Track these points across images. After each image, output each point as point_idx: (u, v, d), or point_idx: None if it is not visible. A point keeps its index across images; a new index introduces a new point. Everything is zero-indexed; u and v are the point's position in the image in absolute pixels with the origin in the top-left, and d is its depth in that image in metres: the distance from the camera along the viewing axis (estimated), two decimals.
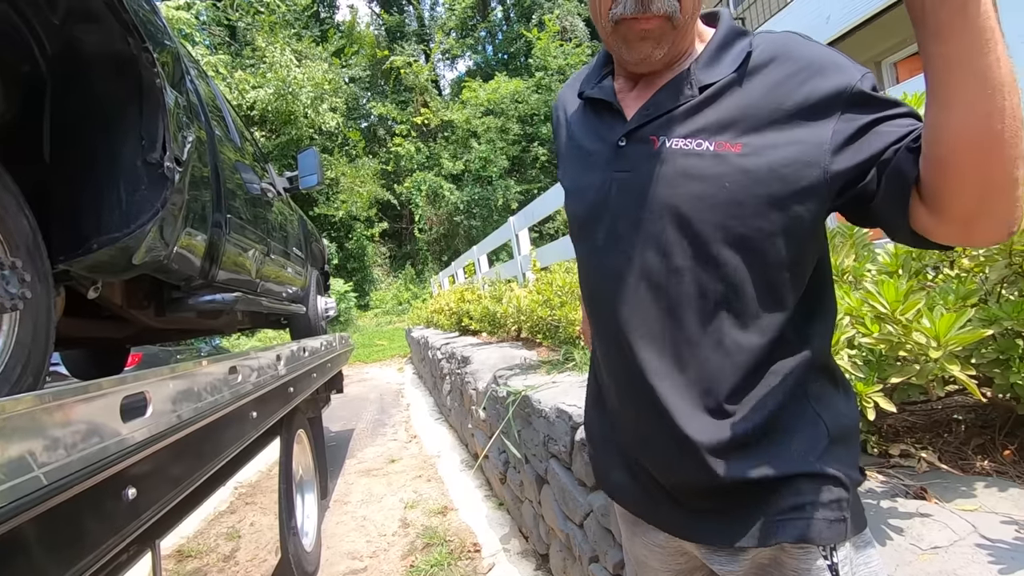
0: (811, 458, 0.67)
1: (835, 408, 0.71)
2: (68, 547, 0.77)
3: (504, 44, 27.37)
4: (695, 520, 0.74)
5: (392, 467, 4.56)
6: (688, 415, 0.70)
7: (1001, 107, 0.52)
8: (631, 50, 0.72)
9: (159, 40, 1.52)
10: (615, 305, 0.75)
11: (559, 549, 2.24)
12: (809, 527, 0.66)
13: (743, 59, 0.70)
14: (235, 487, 1.80)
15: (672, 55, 0.73)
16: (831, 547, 0.67)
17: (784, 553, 0.68)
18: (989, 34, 0.50)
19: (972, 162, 0.55)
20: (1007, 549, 0.83)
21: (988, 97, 0.52)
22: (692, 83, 0.71)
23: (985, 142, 0.53)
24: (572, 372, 2.67)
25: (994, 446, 1.15)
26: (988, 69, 0.51)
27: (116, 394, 0.89)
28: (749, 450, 0.68)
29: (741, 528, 0.69)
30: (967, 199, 0.57)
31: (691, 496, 0.73)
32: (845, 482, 0.67)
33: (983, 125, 0.53)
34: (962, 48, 0.51)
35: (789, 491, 0.67)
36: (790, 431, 0.68)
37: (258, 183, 2.70)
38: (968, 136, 0.54)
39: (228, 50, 20.90)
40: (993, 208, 0.57)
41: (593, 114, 0.81)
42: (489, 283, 6.32)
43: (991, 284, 1.10)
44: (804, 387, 0.69)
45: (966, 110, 0.53)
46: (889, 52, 5.89)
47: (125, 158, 1.34)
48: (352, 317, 19.95)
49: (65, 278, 1.41)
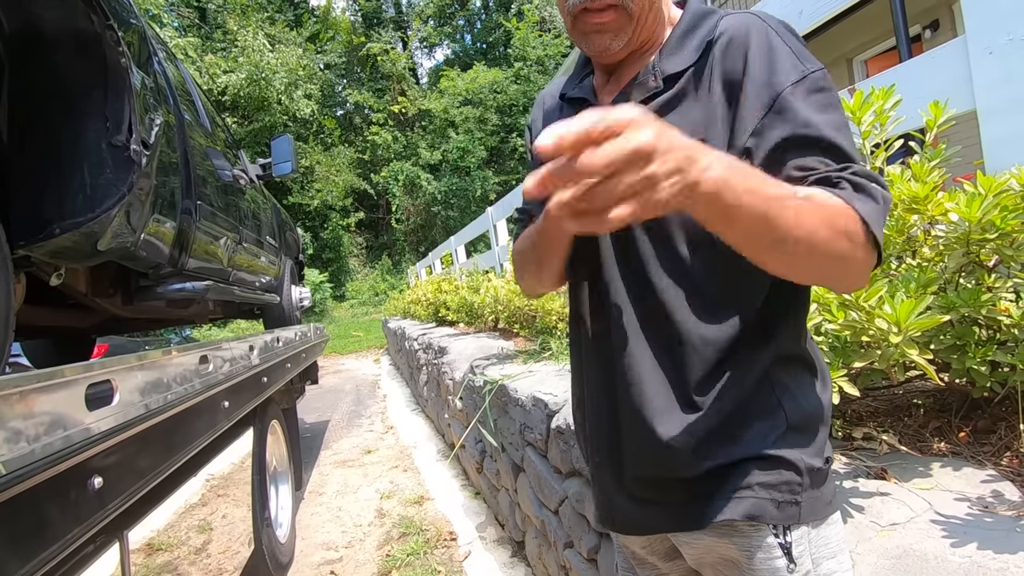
0: (766, 443, 0.68)
1: (802, 397, 0.71)
2: (31, 537, 0.75)
3: (483, 33, 27.16)
4: (651, 512, 0.75)
5: (368, 458, 4.54)
6: (660, 412, 0.70)
7: (793, 255, 0.56)
8: (589, 43, 0.72)
9: (124, 19, 1.47)
10: (587, 305, 0.77)
11: (535, 536, 2.27)
12: (755, 505, 0.67)
13: (705, 46, 0.69)
14: (206, 479, 1.77)
15: (635, 44, 0.72)
16: (784, 526, 0.68)
17: (735, 531, 0.70)
18: (761, 220, 0.52)
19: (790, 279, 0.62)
20: (959, 524, 0.87)
21: (786, 256, 0.56)
22: (656, 74, 0.71)
23: (792, 275, 0.61)
24: (548, 361, 2.69)
25: (951, 428, 1.20)
26: (775, 244, 0.54)
27: (81, 382, 0.87)
28: (711, 440, 0.69)
29: (695, 513, 0.70)
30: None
31: (648, 489, 0.74)
32: (799, 467, 0.68)
33: (786, 271, 0.60)
34: (744, 239, 0.55)
35: (739, 474, 0.68)
36: (749, 420, 0.69)
37: (230, 170, 2.64)
38: (776, 271, 0.60)
39: (198, 33, 20.32)
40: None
41: (572, 115, 0.81)
42: (467, 274, 6.31)
43: (949, 272, 1.14)
44: (770, 377, 0.70)
45: (769, 265, 0.59)
46: (861, 49, 6.01)
47: (89, 140, 1.30)
48: (328, 308, 19.73)
49: (26, 264, 1.36)
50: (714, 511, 0.68)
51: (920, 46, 5.44)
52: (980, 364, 1.05)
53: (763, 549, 0.68)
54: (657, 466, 0.72)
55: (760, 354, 0.69)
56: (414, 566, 2.62)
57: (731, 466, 0.69)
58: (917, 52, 4.50)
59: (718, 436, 0.69)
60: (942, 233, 1.12)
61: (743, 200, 0.50)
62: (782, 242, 0.54)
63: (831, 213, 0.56)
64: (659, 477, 0.73)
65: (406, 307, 9.36)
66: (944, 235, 1.11)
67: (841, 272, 0.61)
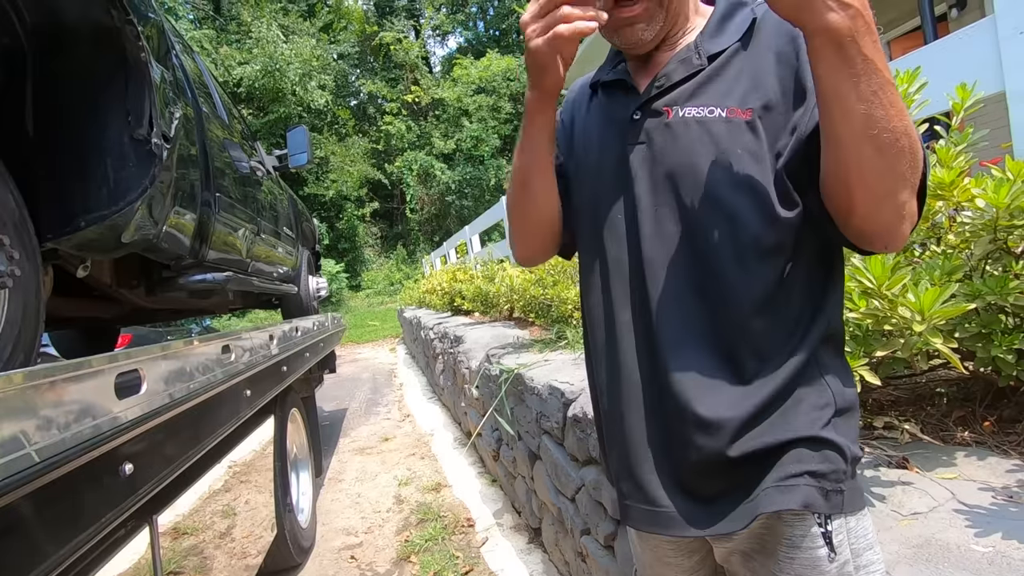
0: (817, 424, 0.68)
1: (844, 379, 0.71)
2: (67, 522, 0.78)
3: (496, 20, 26.89)
4: (691, 509, 0.72)
5: (385, 445, 4.60)
6: (706, 392, 0.69)
7: (860, 156, 0.58)
8: (620, 37, 0.75)
9: (143, 12, 1.48)
10: (635, 273, 0.75)
11: (551, 523, 2.29)
12: (808, 494, 0.66)
13: (748, 26, 0.72)
14: (229, 466, 1.81)
15: (664, 32, 0.75)
16: (826, 515, 0.67)
17: (780, 520, 0.69)
18: (860, 77, 0.55)
19: (837, 189, 0.63)
20: (983, 514, 0.86)
21: (852, 143, 0.58)
22: (700, 53, 0.73)
23: (847, 180, 0.61)
24: (564, 351, 2.69)
25: (975, 418, 1.18)
26: (851, 113, 0.56)
27: (110, 372, 0.89)
28: (760, 419, 0.68)
29: (741, 507, 0.69)
30: (842, 210, 0.64)
31: (689, 483, 0.72)
32: (847, 454, 0.68)
33: (843, 168, 0.61)
34: (831, 82, 0.57)
35: (791, 458, 0.67)
36: (799, 398, 0.69)
37: (247, 161, 2.67)
38: (831, 170, 0.62)
39: (212, 25, 20.42)
40: (872, 219, 0.63)
41: (607, 99, 0.83)
42: (481, 263, 6.32)
43: (975, 260, 1.12)
44: (817, 355, 0.70)
45: (830, 146, 0.61)
46: (884, 30, 5.86)
47: (111, 134, 1.32)
48: (344, 297, 19.90)
49: (53, 257, 1.40)
50: (766, 501, 0.67)
51: (946, 26, 5.28)
52: (1006, 353, 1.03)
53: (808, 538, 0.68)
54: (701, 449, 0.69)
55: (810, 328, 0.69)
56: (432, 551, 2.66)
57: (779, 448, 0.68)
58: (943, 32, 4.38)
59: (766, 415, 0.68)
60: (968, 220, 1.10)
61: (876, 54, 0.55)
62: (876, 120, 0.56)
63: (915, 131, 0.59)
64: (705, 462, 0.70)
65: (421, 296, 9.41)
66: (971, 221, 1.09)
67: (895, 197, 0.61)
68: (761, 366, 0.69)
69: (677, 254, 0.72)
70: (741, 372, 0.69)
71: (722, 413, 0.68)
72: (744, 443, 0.68)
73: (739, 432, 0.68)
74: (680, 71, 0.73)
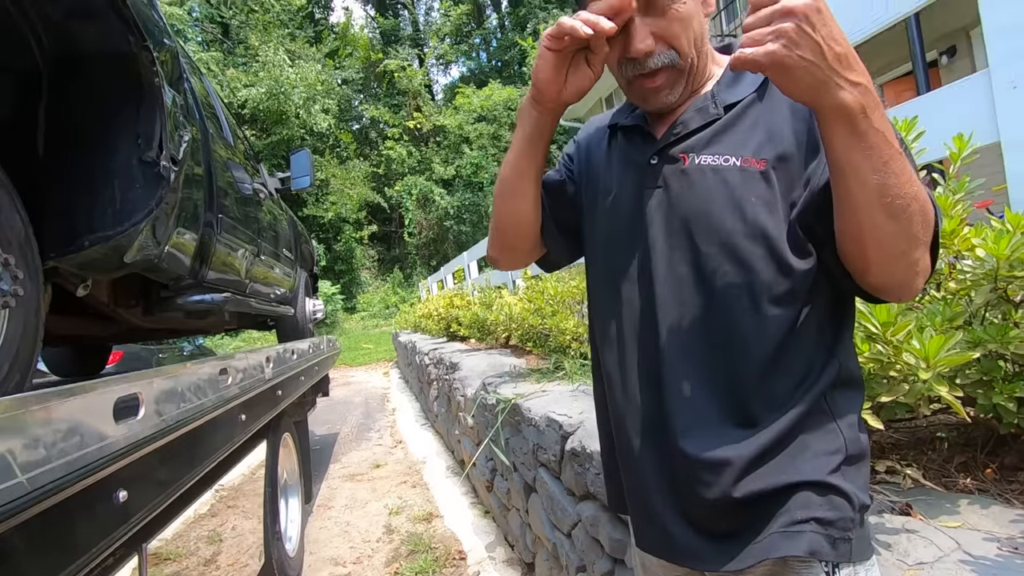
0: (825, 469, 0.67)
1: (855, 427, 0.71)
2: (58, 550, 0.76)
3: (498, 52, 27.50)
4: (701, 545, 0.72)
5: (377, 472, 4.52)
6: (710, 432, 0.69)
7: (873, 224, 0.60)
8: (647, 102, 0.78)
9: (159, 39, 1.51)
10: (646, 311, 0.76)
11: (545, 558, 2.24)
12: (814, 540, 0.66)
13: (764, 78, 0.73)
14: (216, 490, 1.77)
15: (689, 91, 0.77)
16: (833, 563, 0.67)
17: (787, 567, 0.68)
18: (872, 151, 0.57)
19: (852, 249, 0.65)
20: (990, 566, 0.85)
21: (862, 208, 0.60)
22: (717, 103, 0.75)
23: (859, 241, 0.63)
24: (562, 382, 2.68)
25: (976, 464, 1.18)
26: (865, 185, 0.59)
27: (109, 395, 0.88)
28: (765, 460, 0.68)
29: (749, 548, 0.68)
30: (856, 264, 0.66)
31: (699, 520, 0.72)
32: (854, 502, 0.67)
33: (856, 230, 0.63)
34: (845, 155, 0.59)
35: (797, 503, 0.67)
36: (807, 442, 0.68)
37: (250, 183, 2.68)
38: (844, 230, 0.64)
39: (220, 47, 20.76)
40: (887, 274, 0.65)
41: (625, 141, 0.85)
42: (479, 289, 6.32)
43: (975, 307, 1.13)
44: (829, 400, 0.70)
45: (843, 210, 0.63)
46: (876, 74, 6.02)
47: (121, 156, 1.33)
48: (338, 319, 19.80)
49: (53, 275, 1.39)
50: (772, 546, 0.67)
51: (937, 72, 5.43)
52: (1007, 400, 1.03)
53: None
54: (707, 488, 0.69)
55: (819, 371, 0.69)
56: None
57: (785, 490, 0.67)
58: (934, 77, 4.48)
59: (771, 457, 0.68)
60: (968, 268, 1.11)
61: (885, 126, 0.58)
62: (888, 188, 0.58)
63: (925, 194, 0.62)
64: (711, 501, 0.70)
65: (417, 321, 9.38)
66: (971, 270, 1.10)
67: (908, 256, 0.63)
68: (768, 409, 0.69)
69: (688, 296, 0.73)
70: (747, 413, 0.70)
71: (726, 453, 0.68)
72: (749, 483, 0.68)
73: (744, 472, 0.68)
74: (697, 119, 0.75)
